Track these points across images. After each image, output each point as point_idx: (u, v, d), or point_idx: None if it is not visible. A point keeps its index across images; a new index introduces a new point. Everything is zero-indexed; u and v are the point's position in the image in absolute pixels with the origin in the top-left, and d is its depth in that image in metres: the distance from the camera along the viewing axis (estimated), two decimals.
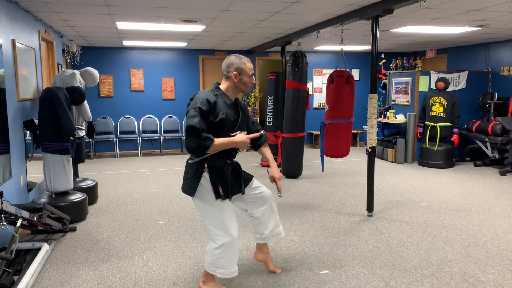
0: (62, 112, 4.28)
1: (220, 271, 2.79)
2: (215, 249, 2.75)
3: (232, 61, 2.71)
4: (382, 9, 4.28)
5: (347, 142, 5.05)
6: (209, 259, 2.80)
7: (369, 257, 3.56)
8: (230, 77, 2.72)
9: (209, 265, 2.80)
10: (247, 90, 2.80)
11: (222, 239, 2.71)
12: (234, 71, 2.70)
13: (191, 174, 2.72)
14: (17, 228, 3.15)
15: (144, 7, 4.75)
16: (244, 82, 2.74)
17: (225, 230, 2.72)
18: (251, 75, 2.75)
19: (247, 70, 2.72)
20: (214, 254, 2.75)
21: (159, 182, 6.44)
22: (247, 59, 2.75)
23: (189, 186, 2.72)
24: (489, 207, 5.03)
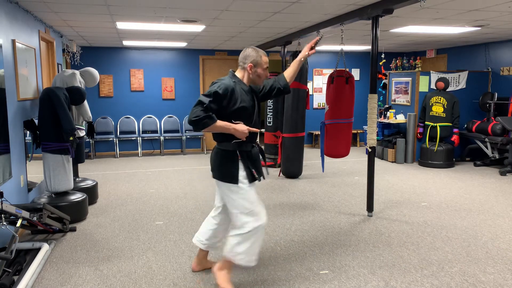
0: (62, 112, 4.28)
1: (241, 257, 2.82)
2: (239, 235, 2.80)
3: (249, 53, 2.83)
4: (382, 9, 4.28)
5: (347, 142, 5.05)
6: (230, 244, 2.83)
7: (369, 257, 3.56)
8: (246, 68, 2.84)
9: (230, 251, 2.83)
10: (260, 82, 2.90)
11: (251, 225, 2.77)
12: (250, 63, 2.81)
13: (228, 162, 2.80)
14: (17, 228, 3.15)
15: (144, 7, 4.75)
16: (258, 74, 2.86)
17: (255, 215, 2.80)
18: (265, 68, 2.86)
19: (263, 63, 2.84)
20: (237, 241, 2.80)
21: (159, 182, 6.44)
22: (263, 53, 2.87)
23: (230, 174, 2.78)
24: (489, 207, 5.03)
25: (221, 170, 2.84)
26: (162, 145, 9.21)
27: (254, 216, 2.80)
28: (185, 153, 9.25)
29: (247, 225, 2.78)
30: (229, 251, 2.84)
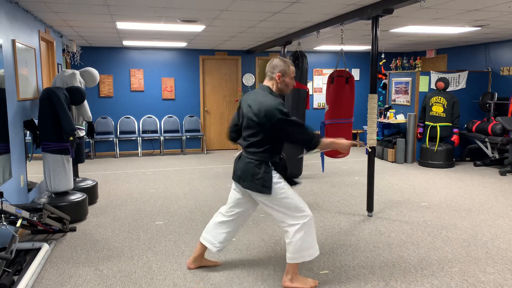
0: (62, 112, 4.28)
1: (309, 252, 2.92)
2: (298, 232, 2.87)
3: (277, 63, 2.95)
4: (382, 9, 4.28)
5: None
6: (292, 248, 2.90)
7: (369, 257, 3.56)
8: (274, 78, 2.95)
9: (296, 254, 2.91)
10: (287, 91, 3.02)
11: (302, 218, 2.88)
12: (278, 72, 2.93)
13: (261, 173, 2.87)
14: (17, 228, 3.15)
15: (144, 7, 4.75)
16: (286, 83, 2.97)
17: (301, 210, 2.90)
18: (292, 77, 2.98)
19: (290, 72, 2.96)
20: (299, 239, 2.87)
21: (159, 182, 6.44)
22: (290, 63, 2.98)
23: (264, 185, 2.87)
24: (489, 207, 5.03)
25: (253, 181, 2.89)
26: (162, 145, 9.21)
27: (300, 211, 2.89)
28: (185, 153, 9.25)
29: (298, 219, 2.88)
30: (295, 255, 2.92)
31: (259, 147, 2.89)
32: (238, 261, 3.49)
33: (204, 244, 3.26)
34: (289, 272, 3.01)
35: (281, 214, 2.92)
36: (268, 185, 2.86)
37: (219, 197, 5.51)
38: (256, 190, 2.89)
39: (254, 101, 2.87)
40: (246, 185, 2.93)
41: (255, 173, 2.88)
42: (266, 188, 2.86)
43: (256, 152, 2.90)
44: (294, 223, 2.88)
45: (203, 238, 3.27)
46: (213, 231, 3.23)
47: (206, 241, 3.25)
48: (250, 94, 3.02)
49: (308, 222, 2.90)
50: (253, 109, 2.85)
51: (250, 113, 2.86)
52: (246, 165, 2.93)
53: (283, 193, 2.89)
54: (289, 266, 3.00)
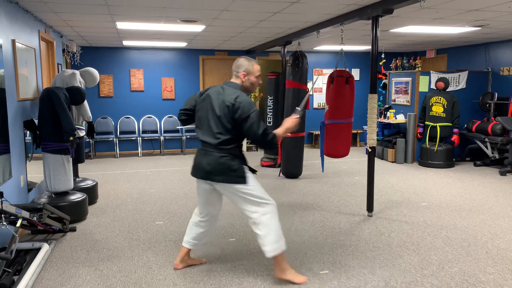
0: (62, 112, 4.28)
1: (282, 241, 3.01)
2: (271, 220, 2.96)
3: (241, 63, 3.04)
4: (382, 9, 4.28)
5: (347, 142, 5.05)
6: (272, 238, 2.96)
7: (369, 257, 3.56)
8: (239, 77, 3.04)
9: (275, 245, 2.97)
10: (253, 90, 3.11)
11: (271, 204, 3.00)
12: (243, 71, 3.02)
13: (236, 166, 2.95)
14: (17, 228, 3.15)
15: (144, 7, 4.75)
16: (251, 82, 3.05)
17: (268, 197, 3.03)
18: (257, 75, 3.06)
19: (255, 71, 3.04)
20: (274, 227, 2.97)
21: (159, 182, 6.44)
22: (255, 61, 3.06)
23: (239, 176, 2.95)
24: (489, 207, 5.03)
25: (229, 173, 2.94)
26: (162, 145, 9.21)
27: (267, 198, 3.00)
28: (185, 153, 9.25)
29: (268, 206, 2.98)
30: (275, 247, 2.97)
31: (232, 142, 2.95)
32: (238, 261, 3.49)
33: (187, 247, 3.33)
34: (278, 263, 3.06)
35: (249, 203, 2.98)
36: (244, 175, 2.96)
37: None
38: (234, 182, 2.94)
39: (229, 97, 2.90)
40: (221, 179, 2.95)
41: (231, 165, 2.93)
42: (241, 178, 2.95)
43: (230, 147, 2.96)
44: (265, 211, 2.97)
45: (185, 242, 3.33)
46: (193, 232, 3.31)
47: (188, 244, 3.32)
48: (218, 90, 3.01)
49: (275, 210, 3.03)
50: (228, 106, 2.87)
51: (225, 109, 2.88)
52: (219, 159, 2.94)
53: (253, 182, 3.00)
54: (275, 260, 3.05)
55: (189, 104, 3.19)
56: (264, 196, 3.00)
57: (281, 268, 3.07)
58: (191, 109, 3.18)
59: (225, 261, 3.49)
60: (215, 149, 2.95)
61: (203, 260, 3.48)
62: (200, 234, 3.30)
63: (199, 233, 3.29)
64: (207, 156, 2.98)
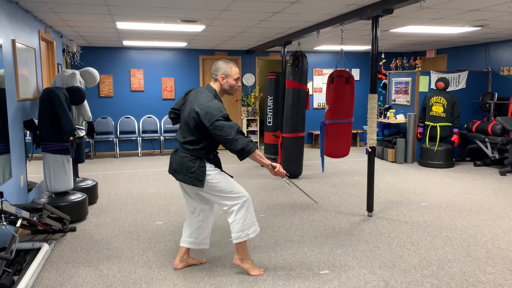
0: (62, 112, 4.28)
1: (252, 229, 3.09)
2: (239, 211, 3.04)
3: (219, 66, 3.08)
4: (382, 9, 4.28)
5: (347, 142, 5.05)
6: (237, 227, 3.06)
7: (369, 257, 3.56)
8: (218, 80, 3.08)
9: (240, 233, 3.06)
10: (232, 92, 3.15)
11: (242, 197, 3.05)
12: (221, 74, 3.06)
13: (195, 168, 3.00)
14: (17, 228, 3.15)
15: (144, 7, 4.75)
16: (230, 85, 3.09)
17: (240, 191, 3.07)
18: (236, 78, 3.10)
19: (233, 73, 3.08)
20: (241, 217, 3.04)
21: (159, 182, 6.44)
22: (233, 64, 3.11)
23: (197, 179, 3.00)
24: (489, 207, 5.03)
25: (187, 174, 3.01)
26: (162, 145, 9.21)
27: (239, 192, 3.06)
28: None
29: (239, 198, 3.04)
30: (240, 234, 3.06)
31: (196, 144, 3.01)
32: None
33: (185, 246, 3.34)
34: (239, 252, 3.17)
35: (219, 198, 3.06)
36: (201, 178, 2.99)
37: None
38: (190, 183, 3.02)
39: (198, 102, 2.97)
40: (180, 178, 3.07)
41: (190, 167, 3.00)
42: (198, 181, 3.00)
43: (193, 148, 3.01)
44: (234, 203, 3.03)
45: (183, 242, 3.36)
46: (188, 230, 3.34)
47: (185, 243, 3.34)
48: (195, 92, 3.12)
49: (247, 201, 3.07)
50: (195, 109, 2.95)
51: (192, 113, 2.97)
52: (181, 159, 3.04)
53: (217, 179, 3.02)
54: (237, 246, 3.15)
55: (177, 104, 3.31)
56: (235, 190, 3.06)
57: (241, 257, 3.18)
58: (178, 108, 3.29)
59: (225, 261, 3.49)
60: (181, 148, 3.08)
61: (203, 260, 3.48)
62: (196, 231, 3.31)
63: (194, 230, 3.31)
64: (175, 154, 3.13)
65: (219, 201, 3.09)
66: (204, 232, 3.35)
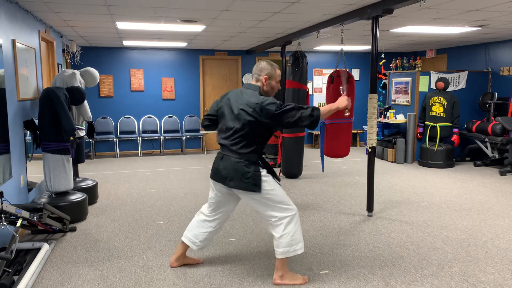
0: (62, 112, 4.28)
1: (300, 245, 2.99)
2: (288, 225, 2.94)
3: (264, 66, 3.05)
4: (382, 9, 4.28)
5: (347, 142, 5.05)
6: (285, 241, 2.95)
7: (369, 257, 3.56)
8: (260, 80, 3.03)
9: (288, 248, 2.96)
10: (272, 94, 3.09)
11: (292, 210, 2.97)
12: (265, 75, 3.02)
13: (251, 173, 2.92)
14: (17, 228, 3.15)
15: (144, 7, 4.75)
16: (272, 86, 3.06)
17: (288, 204, 2.99)
18: (278, 80, 3.08)
19: (276, 76, 3.06)
20: (291, 231, 2.94)
21: (159, 182, 6.44)
22: (277, 66, 3.09)
23: (254, 184, 2.92)
24: (489, 207, 5.03)
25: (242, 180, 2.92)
26: (162, 145, 9.21)
27: (289, 204, 2.98)
28: (185, 153, 9.25)
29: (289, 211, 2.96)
30: (287, 250, 2.96)
31: (247, 147, 2.93)
32: (238, 261, 3.49)
33: (185, 242, 3.30)
34: (279, 268, 3.05)
35: (268, 208, 2.97)
36: (258, 183, 2.92)
37: None
38: (246, 189, 2.92)
39: (248, 102, 2.89)
40: (234, 184, 2.94)
41: (245, 172, 2.91)
42: (256, 187, 2.91)
43: (245, 152, 2.93)
44: (284, 215, 2.95)
45: (185, 237, 3.31)
46: (195, 230, 3.28)
47: (187, 239, 3.29)
48: (237, 93, 3.03)
49: (296, 215, 2.99)
50: (246, 110, 2.87)
51: (243, 114, 2.88)
52: (234, 164, 2.94)
53: (271, 187, 2.96)
54: (278, 262, 3.04)
55: (212, 109, 3.19)
56: (284, 201, 2.97)
57: (281, 274, 3.05)
58: (214, 114, 3.16)
59: (225, 261, 3.49)
60: (231, 153, 2.96)
61: (200, 259, 3.47)
62: (203, 235, 3.25)
63: (202, 233, 3.25)
64: (223, 160, 2.99)
65: (267, 211, 2.97)
66: (211, 239, 3.32)
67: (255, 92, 2.95)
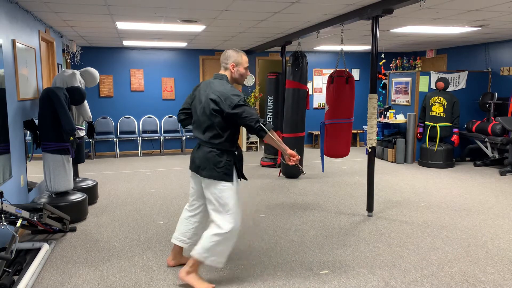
0: (62, 112, 4.28)
1: (212, 258, 2.92)
2: (217, 234, 2.88)
3: (230, 54, 3.01)
4: (382, 9, 4.28)
5: (347, 142, 5.05)
6: (205, 244, 2.90)
7: (369, 257, 3.56)
8: (228, 68, 3.02)
9: (202, 251, 2.90)
10: (242, 81, 3.09)
11: (230, 225, 2.89)
12: (232, 62, 3.00)
13: (223, 162, 2.91)
14: (17, 228, 3.15)
15: (144, 7, 4.75)
16: (240, 73, 3.04)
17: (235, 217, 2.93)
18: (246, 67, 3.05)
19: (243, 62, 3.03)
20: (214, 240, 2.88)
21: (159, 182, 6.44)
22: (243, 53, 3.05)
23: (225, 173, 2.91)
24: (489, 207, 5.03)
25: (214, 168, 2.91)
26: (162, 145, 9.21)
27: (234, 217, 2.92)
28: (185, 153, 9.25)
29: (227, 225, 2.89)
30: (201, 252, 2.90)
31: (219, 137, 2.92)
32: (238, 261, 3.49)
33: (175, 243, 3.30)
34: (190, 265, 2.98)
35: (213, 207, 2.93)
36: (229, 173, 2.92)
37: None
38: (219, 178, 2.90)
39: (213, 90, 2.90)
40: (206, 173, 2.92)
41: (217, 161, 2.91)
42: (227, 176, 2.91)
43: (218, 142, 2.92)
44: (221, 226, 2.88)
45: (174, 238, 3.31)
46: (182, 228, 3.27)
47: (176, 240, 3.29)
48: (206, 84, 3.04)
49: (231, 233, 2.90)
50: (212, 98, 2.88)
51: (210, 103, 2.88)
52: (207, 154, 2.93)
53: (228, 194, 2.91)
54: (193, 260, 2.96)
55: (186, 103, 3.20)
56: (233, 213, 2.91)
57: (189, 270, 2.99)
58: (188, 107, 3.18)
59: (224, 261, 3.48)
60: (204, 143, 2.97)
61: None
62: (189, 231, 3.23)
63: (188, 230, 3.24)
64: (198, 150, 3.02)
65: (211, 208, 2.95)
66: (198, 233, 3.23)
67: (222, 81, 2.97)
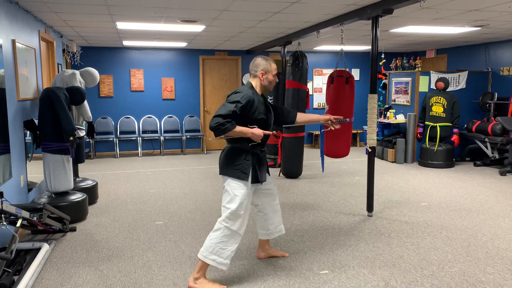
0: (62, 112, 4.28)
1: (213, 257, 2.94)
2: (215, 230, 2.95)
3: (259, 62, 3.10)
4: (382, 9, 4.28)
5: (347, 142, 5.05)
6: (206, 243, 2.95)
7: (369, 257, 3.56)
8: (257, 76, 3.09)
9: (203, 250, 2.95)
10: (271, 88, 3.16)
11: (234, 226, 2.95)
12: (261, 70, 3.08)
13: (240, 160, 2.98)
14: (17, 228, 3.15)
15: (144, 7, 4.75)
16: (269, 81, 3.12)
17: (241, 223, 2.97)
18: (275, 74, 3.13)
19: (272, 70, 3.11)
20: (213, 237, 2.95)
21: (159, 182, 6.44)
22: (272, 60, 3.13)
23: (242, 171, 2.96)
24: (489, 207, 5.03)
25: (231, 166, 2.99)
26: (162, 145, 9.21)
27: (240, 222, 2.97)
28: (185, 153, 9.25)
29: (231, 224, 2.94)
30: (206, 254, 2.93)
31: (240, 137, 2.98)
32: (238, 261, 3.49)
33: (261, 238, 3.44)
34: (197, 271, 2.99)
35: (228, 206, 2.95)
36: (246, 171, 2.97)
37: (219, 197, 5.51)
38: (234, 176, 2.96)
39: None
40: (223, 171, 3.02)
41: (235, 159, 2.99)
42: (244, 174, 2.96)
43: (237, 141, 3.00)
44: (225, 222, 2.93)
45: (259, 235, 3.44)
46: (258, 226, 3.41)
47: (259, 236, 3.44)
48: None
49: (232, 233, 2.94)
50: None
51: None
52: (227, 152, 3.05)
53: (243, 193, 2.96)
54: (200, 263, 2.98)
55: None
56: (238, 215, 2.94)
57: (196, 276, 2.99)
58: None
59: None
60: (227, 143, 3.10)
61: (286, 254, 3.58)
62: (265, 223, 3.35)
63: (262, 223, 3.36)
64: (223, 151, 3.13)
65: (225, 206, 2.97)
66: (274, 222, 3.37)
67: (244, 87, 3.08)
